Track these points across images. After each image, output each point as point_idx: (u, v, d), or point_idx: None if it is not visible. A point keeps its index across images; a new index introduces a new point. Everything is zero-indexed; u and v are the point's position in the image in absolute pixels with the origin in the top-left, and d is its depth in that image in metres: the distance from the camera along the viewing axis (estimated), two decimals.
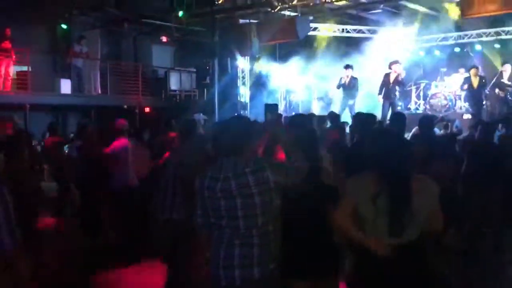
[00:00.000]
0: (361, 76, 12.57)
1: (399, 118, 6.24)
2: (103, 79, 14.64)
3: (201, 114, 12.35)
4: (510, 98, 11.32)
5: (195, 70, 17.36)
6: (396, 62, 11.76)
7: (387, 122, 9.51)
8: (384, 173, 2.85)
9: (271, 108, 11.92)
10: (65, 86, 13.72)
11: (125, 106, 14.80)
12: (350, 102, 12.01)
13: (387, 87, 11.59)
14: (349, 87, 11.97)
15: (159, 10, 14.57)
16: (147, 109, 15.52)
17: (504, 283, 5.37)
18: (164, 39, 17.13)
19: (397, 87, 11.62)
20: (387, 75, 11.71)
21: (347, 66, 12.05)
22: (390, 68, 11.76)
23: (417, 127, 7.05)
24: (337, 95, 13.31)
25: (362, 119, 5.85)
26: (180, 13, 12.99)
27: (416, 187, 2.82)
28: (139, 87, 15.24)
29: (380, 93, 11.75)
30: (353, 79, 12.00)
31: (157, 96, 16.25)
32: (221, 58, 14.93)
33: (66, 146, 8.19)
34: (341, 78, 12.20)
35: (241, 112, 14.40)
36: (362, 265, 2.95)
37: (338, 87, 12.27)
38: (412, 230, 2.81)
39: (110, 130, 6.62)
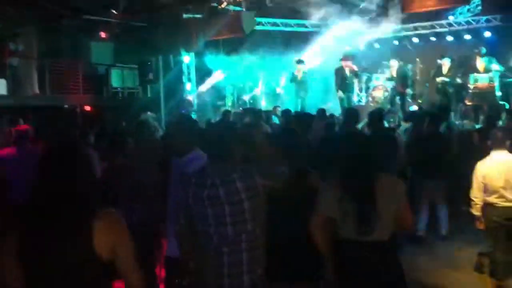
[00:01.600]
0: (311, 70, 12.81)
1: (352, 114, 6.41)
2: (41, 78, 13.96)
3: (149, 113, 12.05)
4: (450, 90, 11.84)
5: (137, 66, 16.95)
6: (346, 57, 12.06)
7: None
8: (346, 177, 2.92)
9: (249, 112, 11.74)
10: (0, 87, 12.96)
11: (66, 106, 14.21)
12: (303, 96, 12.19)
13: (343, 81, 11.86)
14: (302, 82, 12.14)
15: (98, 5, 14.06)
16: (88, 108, 14.99)
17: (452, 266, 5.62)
18: (103, 35, 16.55)
19: (352, 80, 11.95)
20: (340, 69, 11.97)
21: (300, 61, 12.22)
22: (342, 62, 12.05)
23: (366, 120, 7.26)
24: (284, 90, 13.48)
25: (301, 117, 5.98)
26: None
27: (381, 187, 2.89)
28: (80, 86, 14.67)
29: (337, 88, 12.04)
30: (305, 74, 12.19)
31: (99, 94, 15.71)
32: (164, 54, 14.65)
33: None
34: (293, 73, 12.35)
35: (188, 109, 14.20)
36: (337, 267, 3.01)
37: (291, 81, 12.41)
38: (382, 229, 2.88)
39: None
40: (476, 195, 4.85)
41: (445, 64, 11.72)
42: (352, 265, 2.92)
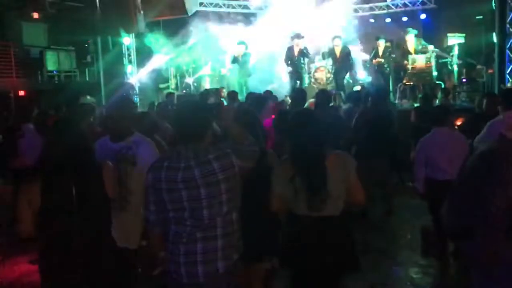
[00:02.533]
0: (254, 51, 12.75)
1: (301, 95, 6.47)
2: None
3: (88, 97, 11.61)
4: (386, 71, 12.22)
5: (73, 48, 16.24)
6: (298, 35, 12.09)
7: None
8: (296, 153, 2.96)
9: (211, 93, 11.52)
10: None
11: None
12: (246, 78, 12.14)
13: (293, 61, 11.92)
14: (243, 63, 12.07)
15: None
16: (21, 93, 14.24)
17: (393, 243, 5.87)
18: (35, 15, 15.70)
19: (302, 59, 12.03)
20: (290, 49, 12.03)
21: (240, 42, 12.13)
22: (292, 41, 12.09)
23: (312, 101, 7.35)
24: (230, 72, 13.37)
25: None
26: None
27: (332, 164, 2.95)
28: (12, 69, 13.90)
29: (287, 66, 12.11)
30: (245, 55, 12.11)
31: (33, 78, 14.95)
32: (103, 35, 14.10)
33: None
34: (233, 55, 12.25)
35: (130, 92, 13.81)
36: (290, 241, 3.06)
37: (232, 62, 12.32)
38: (333, 204, 2.94)
39: None
40: (419, 170, 5.05)
41: (380, 45, 12.05)
42: (304, 239, 2.97)
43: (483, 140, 4.67)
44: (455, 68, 11.94)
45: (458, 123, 7.32)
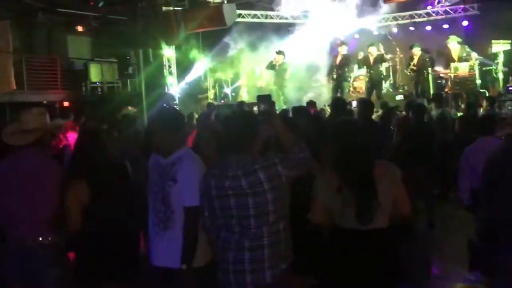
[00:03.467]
0: (292, 61, 12.84)
1: (340, 104, 6.43)
2: (18, 74, 13.63)
3: (129, 107, 11.89)
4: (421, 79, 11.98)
5: (115, 60, 16.67)
6: (342, 43, 12.10)
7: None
8: (344, 165, 2.90)
9: (264, 99, 11.72)
10: None
11: (45, 102, 13.92)
12: (282, 88, 12.23)
13: (335, 69, 11.94)
14: (280, 72, 12.20)
15: None
16: (66, 104, 14.72)
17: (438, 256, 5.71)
18: (80, 29, 16.25)
19: (344, 68, 12.03)
20: (334, 57, 12.09)
21: (279, 52, 12.26)
22: (337, 49, 12.13)
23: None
24: (267, 83, 13.47)
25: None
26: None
27: (378, 174, 2.88)
28: (58, 81, 14.40)
29: (328, 75, 12.12)
30: (283, 64, 12.22)
31: (78, 89, 15.44)
32: (144, 48, 14.42)
33: None
34: (271, 61, 12.40)
35: (171, 103, 14.08)
36: (337, 255, 3.00)
37: (268, 67, 12.47)
38: (381, 217, 2.87)
39: None
40: (463, 181, 4.89)
41: (415, 53, 11.84)
42: (352, 253, 2.91)
43: None
44: (500, 76, 11.59)
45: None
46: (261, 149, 2.75)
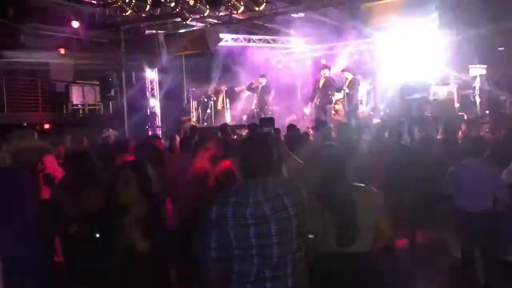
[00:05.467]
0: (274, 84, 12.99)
1: (324, 126, 6.49)
2: None
3: (110, 130, 11.81)
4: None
5: (98, 83, 16.61)
6: (325, 66, 12.25)
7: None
8: (325, 188, 2.94)
9: (268, 122, 11.79)
10: None
11: (25, 124, 13.74)
12: (264, 110, 12.32)
13: (318, 92, 12.06)
14: (261, 94, 12.34)
15: (57, 21, 13.75)
16: (47, 126, 14.55)
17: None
18: (62, 51, 16.18)
19: (329, 91, 12.13)
20: (316, 81, 12.21)
21: (262, 76, 12.43)
22: (320, 72, 12.27)
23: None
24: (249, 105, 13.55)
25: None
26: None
27: (360, 198, 2.91)
28: (39, 103, 14.27)
29: (311, 100, 12.23)
30: (265, 87, 12.38)
31: (59, 111, 15.31)
32: (127, 70, 14.43)
33: None
34: (252, 82, 12.56)
35: (153, 125, 14.06)
36: (319, 278, 2.99)
37: (249, 89, 12.59)
38: (362, 240, 2.89)
39: None
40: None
41: None
42: (334, 276, 2.92)
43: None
44: (478, 99, 11.84)
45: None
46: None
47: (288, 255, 2.42)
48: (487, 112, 11.81)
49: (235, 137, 9.30)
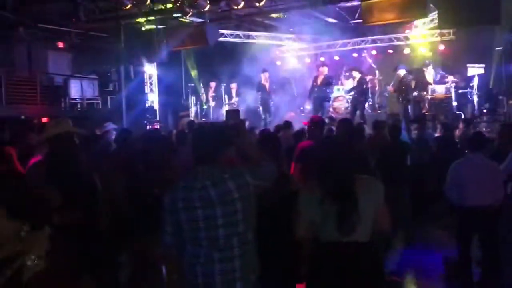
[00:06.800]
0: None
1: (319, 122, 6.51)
2: None
3: (111, 124, 11.81)
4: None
5: (96, 77, 16.61)
6: (323, 64, 12.35)
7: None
8: (325, 177, 2.97)
9: (233, 114, 11.89)
10: None
11: (23, 117, 13.75)
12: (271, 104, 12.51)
13: (316, 89, 12.15)
14: (268, 90, 12.46)
15: (57, 14, 13.73)
16: (44, 119, 14.54)
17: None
18: (60, 44, 16.17)
19: (325, 88, 12.24)
20: (315, 77, 12.31)
21: (264, 70, 12.50)
22: (317, 70, 12.36)
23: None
24: (246, 101, 13.60)
25: None
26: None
27: (361, 187, 2.96)
28: (37, 96, 14.27)
29: (309, 96, 12.32)
30: (271, 82, 12.52)
31: (57, 105, 15.31)
32: (126, 64, 14.43)
33: None
34: (259, 82, 12.62)
35: (151, 119, 14.07)
36: (318, 267, 3.04)
37: (257, 90, 12.68)
38: (362, 230, 2.93)
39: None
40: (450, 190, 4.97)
41: (401, 74, 12.13)
42: (334, 265, 2.95)
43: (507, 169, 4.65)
44: (475, 98, 11.91)
45: None
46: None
47: (234, 237, 2.54)
48: (485, 111, 11.89)
49: None
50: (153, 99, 14.77)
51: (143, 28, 13.26)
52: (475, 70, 12.22)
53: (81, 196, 3.40)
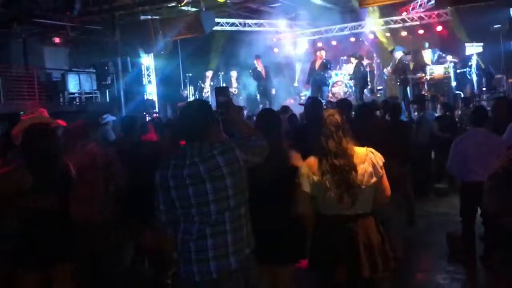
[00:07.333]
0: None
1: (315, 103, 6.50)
2: None
3: (109, 115, 11.80)
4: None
5: (94, 70, 16.57)
6: (321, 48, 12.32)
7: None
8: (324, 151, 2.96)
9: (223, 91, 11.86)
10: None
11: (22, 113, 13.71)
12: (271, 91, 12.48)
13: (314, 74, 12.15)
14: (265, 76, 12.43)
15: (52, 9, 13.65)
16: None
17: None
18: (57, 40, 16.12)
19: (324, 73, 12.23)
20: (312, 62, 12.29)
21: (257, 56, 12.45)
22: (315, 54, 12.35)
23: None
24: (243, 88, 13.58)
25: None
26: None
27: (360, 159, 2.94)
28: (35, 92, 14.22)
29: (307, 81, 12.32)
30: (267, 68, 12.48)
31: (55, 100, 15.28)
32: (122, 57, 14.39)
33: None
34: (254, 69, 12.58)
35: (150, 111, 14.05)
36: (320, 241, 3.03)
37: (255, 77, 12.65)
38: (364, 202, 2.93)
39: None
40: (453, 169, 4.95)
41: (397, 56, 12.08)
42: (336, 239, 2.94)
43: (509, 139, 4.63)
44: (474, 77, 11.87)
45: None
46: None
47: (226, 212, 2.53)
48: (484, 89, 11.86)
49: None
50: (151, 90, 14.74)
51: (138, 19, 13.20)
52: (473, 49, 12.15)
53: (55, 182, 3.48)
